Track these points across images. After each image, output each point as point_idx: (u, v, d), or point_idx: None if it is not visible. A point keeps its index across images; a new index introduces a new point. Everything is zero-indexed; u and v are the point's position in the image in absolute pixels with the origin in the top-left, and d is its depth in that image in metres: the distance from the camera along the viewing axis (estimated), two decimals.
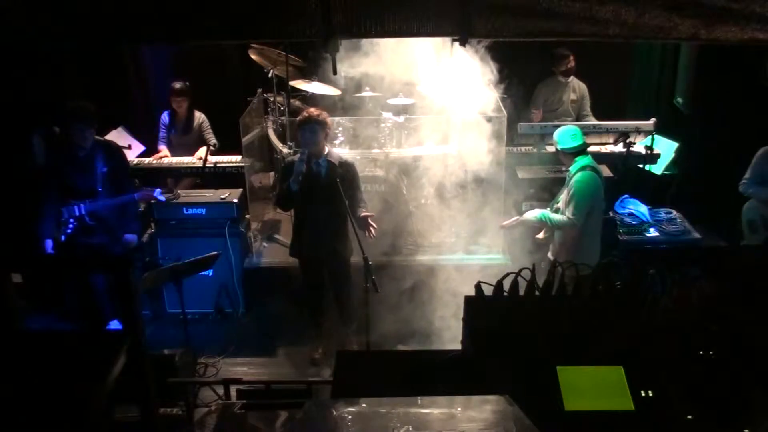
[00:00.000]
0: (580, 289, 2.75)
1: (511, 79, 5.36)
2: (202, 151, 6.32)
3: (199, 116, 6.53)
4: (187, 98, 6.40)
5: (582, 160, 4.67)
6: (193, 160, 6.29)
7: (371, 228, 4.72)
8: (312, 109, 4.68)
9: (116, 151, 5.18)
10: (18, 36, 2.44)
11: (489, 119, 5.34)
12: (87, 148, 4.90)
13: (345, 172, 4.71)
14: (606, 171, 5.56)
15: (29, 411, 1.83)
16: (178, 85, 6.35)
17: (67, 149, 4.89)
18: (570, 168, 4.72)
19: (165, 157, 6.38)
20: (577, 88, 6.71)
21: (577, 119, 6.66)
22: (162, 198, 5.15)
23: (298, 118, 4.75)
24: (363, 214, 4.72)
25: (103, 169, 4.97)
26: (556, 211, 4.80)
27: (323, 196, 4.66)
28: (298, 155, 4.67)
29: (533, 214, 4.87)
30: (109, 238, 5.08)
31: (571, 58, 6.55)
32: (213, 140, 6.44)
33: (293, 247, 5.03)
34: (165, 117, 6.52)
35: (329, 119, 4.71)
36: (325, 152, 4.73)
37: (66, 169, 4.90)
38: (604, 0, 2.32)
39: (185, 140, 6.50)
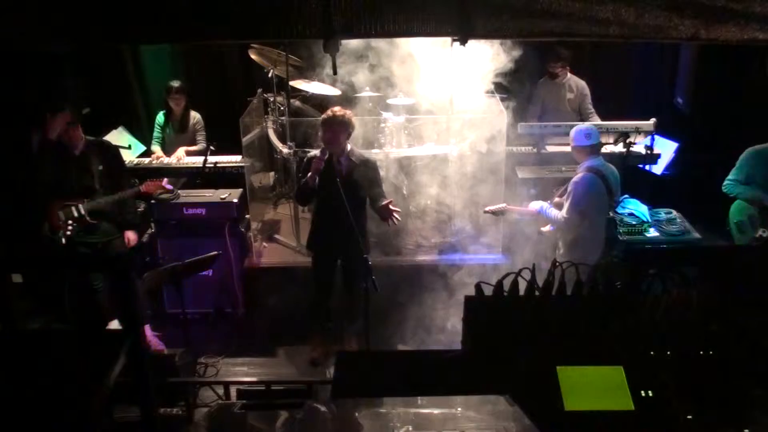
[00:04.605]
0: (580, 289, 2.75)
1: (512, 79, 5.36)
2: (180, 152, 6.32)
3: (194, 116, 6.51)
4: (185, 97, 6.40)
5: (591, 161, 4.71)
6: (173, 160, 6.27)
7: (394, 215, 4.72)
8: (336, 108, 4.69)
9: (110, 149, 5.17)
10: (19, 37, 2.44)
11: (489, 119, 5.33)
12: (79, 147, 4.90)
13: (366, 171, 4.76)
14: None
15: (29, 411, 1.82)
16: (176, 83, 6.37)
17: (60, 150, 4.87)
18: (579, 166, 4.80)
19: (160, 157, 6.37)
20: (574, 86, 6.60)
21: (582, 118, 6.58)
22: (170, 186, 5.16)
23: (322, 116, 4.77)
24: (384, 202, 4.73)
25: (99, 166, 4.96)
26: (558, 205, 4.87)
27: (342, 193, 4.64)
28: (318, 152, 4.68)
29: (533, 205, 4.98)
30: (110, 236, 5.08)
31: (561, 58, 6.38)
32: (203, 142, 6.40)
33: (310, 241, 5.06)
34: (160, 117, 6.50)
35: (353, 118, 4.74)
36: (347, 150, 4.75)
37: (62, 170, 4.87)
38: (604, 0, 2.33)
39: (180, 140, 6.48)
